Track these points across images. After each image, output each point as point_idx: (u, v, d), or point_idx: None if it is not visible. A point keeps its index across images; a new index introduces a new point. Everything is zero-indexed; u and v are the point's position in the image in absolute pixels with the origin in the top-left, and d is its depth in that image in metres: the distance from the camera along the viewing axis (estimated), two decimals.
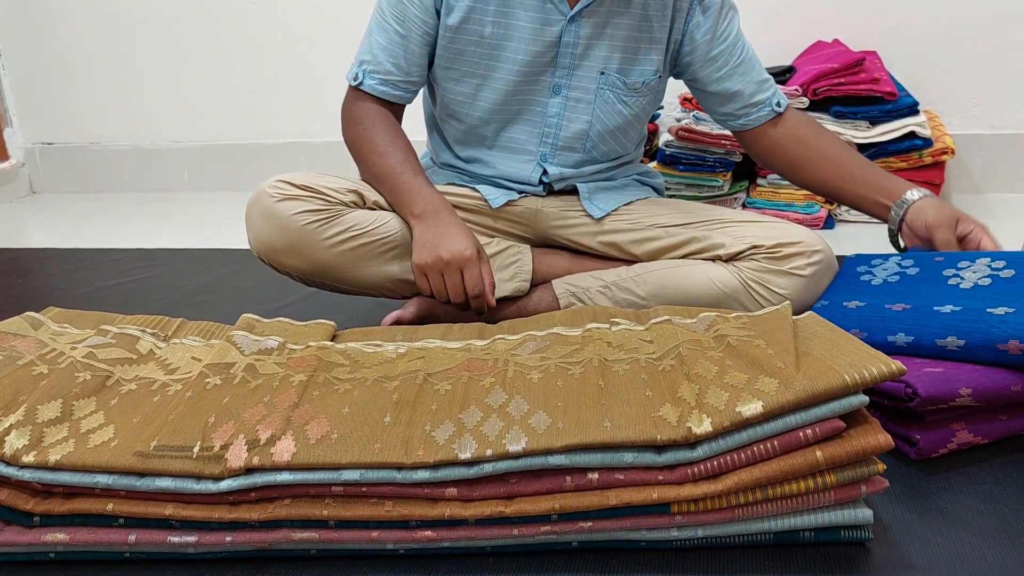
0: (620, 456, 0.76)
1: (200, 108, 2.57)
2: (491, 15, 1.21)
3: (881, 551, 0.78)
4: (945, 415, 0.92)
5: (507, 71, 1.24)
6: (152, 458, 0.78)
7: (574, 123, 1.28)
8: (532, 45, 1.22)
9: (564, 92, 1.26)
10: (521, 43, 1.22)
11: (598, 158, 1.33)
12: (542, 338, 0.97)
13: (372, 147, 1.26)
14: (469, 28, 1.22)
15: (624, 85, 1.26)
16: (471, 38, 1.23)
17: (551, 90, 1.26)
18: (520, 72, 1.24)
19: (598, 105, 1.27)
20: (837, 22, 2.13)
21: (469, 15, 1.21)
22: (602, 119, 1.28)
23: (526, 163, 1.31)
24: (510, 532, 0.77)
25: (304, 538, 0.78)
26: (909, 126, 1.85)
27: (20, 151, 2.69)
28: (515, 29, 1.22)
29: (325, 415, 0.82)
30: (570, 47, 1.23)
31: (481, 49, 1.23)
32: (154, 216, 2.36)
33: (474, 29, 1.22)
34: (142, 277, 1.76)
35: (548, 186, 1.32)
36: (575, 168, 1.32)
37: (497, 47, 1.23)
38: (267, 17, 2.44)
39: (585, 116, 1.28)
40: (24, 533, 0.79)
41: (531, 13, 1.21)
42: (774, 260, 1.20)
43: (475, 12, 1.21)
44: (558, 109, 1.27)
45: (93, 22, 2.53)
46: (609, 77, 1.25)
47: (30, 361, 0.93)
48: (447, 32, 1.23)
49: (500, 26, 1.22)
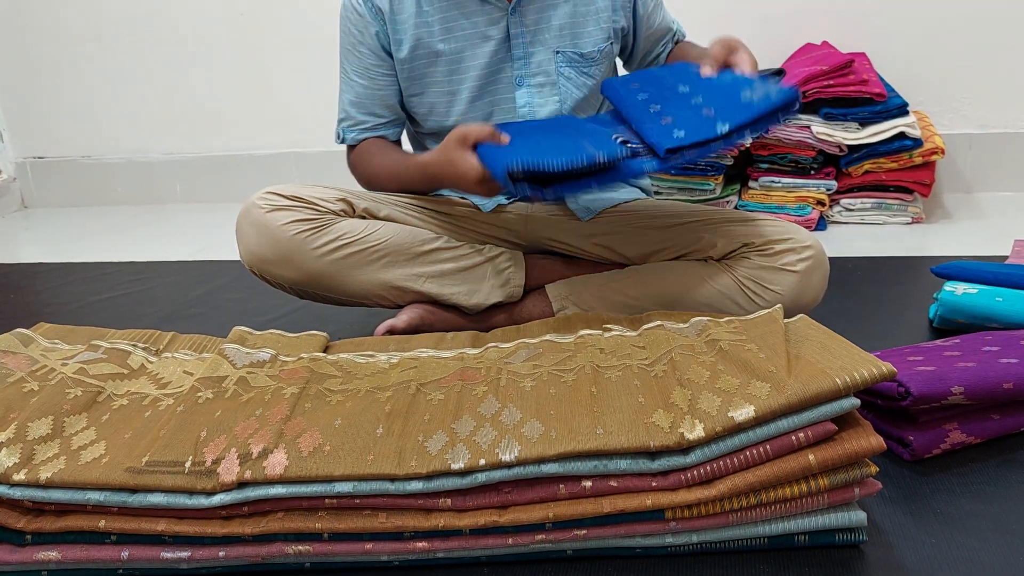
0: (613, 463, 0.76)
1: (192, 120, 2.56)
2: (438, 34, 1.26)
3: (876, 553, 0.78)
4: (938, 415, 0.92)
5: (470, 78, 1.28)
6: (144, 474, 0.78)
7: (545, 107, 1.31)
8: (484, 46, 1.26)
9: (527, 82, 1.30)
10: (474, 48, 1.26)
11: None
12: (534, 346, 0.97)
13: (378, 166, 1.32)
14: (421, 53, 1.27)
15: (581, 57, 1.31)
16: (426, 60, 1.27)
17: (514, 83, 1.29)
18: (482, 76, 1.28)
19: (562, 84, 1.31)
20: (826, 24, 2.13)
21: (417, 42, 1.26)
22: (572, 94, 1.32)
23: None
24: (505, 541, 0.77)
25: (298, 551, 0.78)
26: (899, 127, 1.86)
27: (11, 165, 2.69)
28: (464, 38, 1.26)
29: (317, 427, 0.82)
30: (520, 37, 1.27)
31: (440, 67, 1.27)
32: (146, 229, 2.35)
33: (426, 53, 1.27)
34: (134, 291, 1.76)
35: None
36: None
37: (455, 60, 1.27)
38: (258, 28, 2.44)
39: (554, 98, 1.31)
40: (16, 552, 0.79)
41: (474, 18, 1.25)
42: (766, 257, 1.20)
43: (422, 37, 1.26)
44: (526, 99, 1.30)
45: (83, 36, 2.53)
46: (565, 54, 1.30)
47: (20, 378, 0.93)
48: (403, 65, 1.28)
49: (450, 40, 1.26)
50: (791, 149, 1.92)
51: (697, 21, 1.92)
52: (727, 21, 2.17)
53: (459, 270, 1.28)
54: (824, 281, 1.22)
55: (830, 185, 1.92)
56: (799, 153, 1.92)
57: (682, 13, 1.51)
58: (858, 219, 1.94)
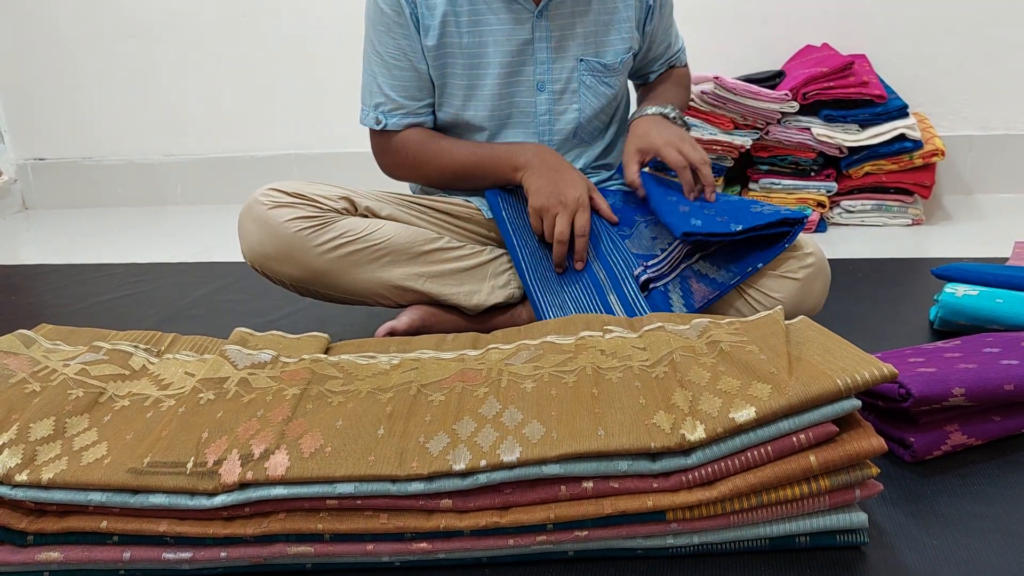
0: (614, 464, 0.76)
1: (193, 121, 2.57)
2: (465, 25, 1.26)
3: (877, 555, 0.78)
4: (939, 417, 0.92)
5: (490, 75, 1.28)
6: (146, 475, 0.78)
7: (565, 115, 1.32)
8: (507, 45, 1.27)
9: (548, 87, 1.30)
10: (497, 45, 1.27)
11: (586, 140, 1.38)
12: (535, 347, 0.97)
13: (435, 153, 1.31)
14: (447, 43, 1.27)
15: (603, 67, 1.32)
16: (451, 51, 1.27)
17: (536, 87, 1.30)
18: (502, 74, 1.28)
19: (583, 92, 1.31)
20: (826, 26, 2.14)
21: (444, 31, 1.26)
22: (591, 103, 1.33)
23: None
24: (506, 542, 0.77)
25: (299, 552, 0.78)
26: (899, 128, 1.86)
27: (12, 167, 2.69)
28: (489, 34, 1.26)
29: (319, 428, 0.82)
30: (544, 41, 1.28)
31: (462, 60, 1.27)
32: (147, 231, 2.35)
33: (452, 42, 1.27)
34: (135, 292, 1.76)
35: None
36: (569, 159, 1.35)
37: (476, 55, 1.27)
38: (259, 30, 2.44)
39: (574, 105, 1.32)
40: (18, 552, 0.79)
41: (501, 15, 1.26)
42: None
43: (449, 27, 1.26)
44: (547, 105, 1.31)
45: (85, 37, 2.53)
46: (588, 63, 1.30)
47: (22, 379, 0.93)
48: (429, 53, 1.27)
49: (475, 34, 1.26)
50: (791, 151, 1.93)
51: (698, 23, 1.92)
52: (727, 23, 2.18)
53: (460, 271, 1.28)
54: (825, 288, 1.22)
55: (830, 187, 1.92)
56: (799, 155, 1.93)
57: (684, 14, 1.52)
58: (858, 221, 1.94)
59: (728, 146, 1.92)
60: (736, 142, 1.92)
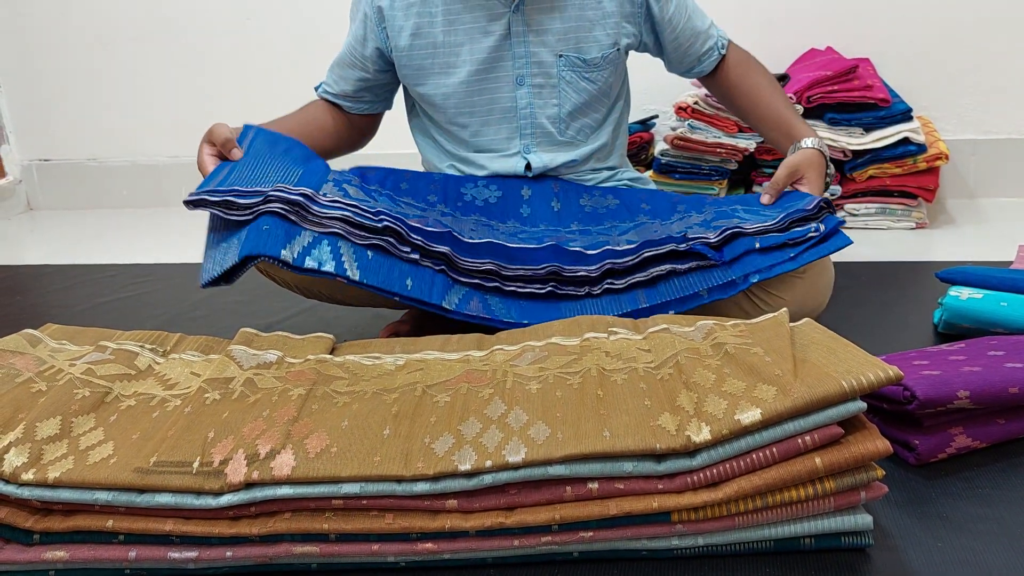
0: (620, 466, 0.76)
1: (197, 123, 2.55)
2: (439, 24, 1.27)
3: (882, 557, 0.78)
4: (943, 419, 0.92)
5: (466, 72, 1.29)
6: (152, 474, 0.78)
7: (545, 109, 1.32)
8: (484, 41, 1.27)
9: (527, 81, 1.30)
10: (473, 42, 1.27)
11: (575, 138, 1.36)
12: (540, 348, 0.97)
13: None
14: (420, 43, 1.28)
15: (584, 63, 1.31)
16: (426, 51, 1.29)
17: (515, 82, 1.30)
18: (479, 70, 1.28)
19: (562, 87, 1.31)
20: (830, 30, 2.14)
21: (417, 31, 1.28)
22: (571, 98, 1.32)
23: (509, 158, 1.34)
24: (511, 543, 0.77)
25: (305, 552, 0.78)
26: (903, 132, 1.86)
27: (17, 168, 2.70)
28: (465, 32, 1.27)
29: (324, 429, 0.82)
30: (520, 36, 1.28)
31: (438, 58, 1.29)
32: (152, 231, 2.36)
33: (426, 42, 1.28)
34: (140, 292, 1.77)
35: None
36: (555, 154, 1.34)
37: (453, 52, 1.28)
38: (263, 32, 2.45)
39: (553, 100, 1.32)
40: (24, 551, 0.79)
41: (476, 12, 1.26)
42: None
43: (423, 27, 1.27)
44: (527, 100, 1.31)
45: (89, 39, 2.54)
46: (568, 58, 1.30)
47: (28, 378, 0.93)
48: (402, 53, 1.30)
49: (450, 33, 1.27)
50: None
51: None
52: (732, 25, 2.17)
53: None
54: (829, 288, 1.22)
55: (834, 190, 1.92)
56: None
57: None
58: (862, 224, 1.94)
59: (732, 149, 1.93)
60: (740, 145, 1.92)
